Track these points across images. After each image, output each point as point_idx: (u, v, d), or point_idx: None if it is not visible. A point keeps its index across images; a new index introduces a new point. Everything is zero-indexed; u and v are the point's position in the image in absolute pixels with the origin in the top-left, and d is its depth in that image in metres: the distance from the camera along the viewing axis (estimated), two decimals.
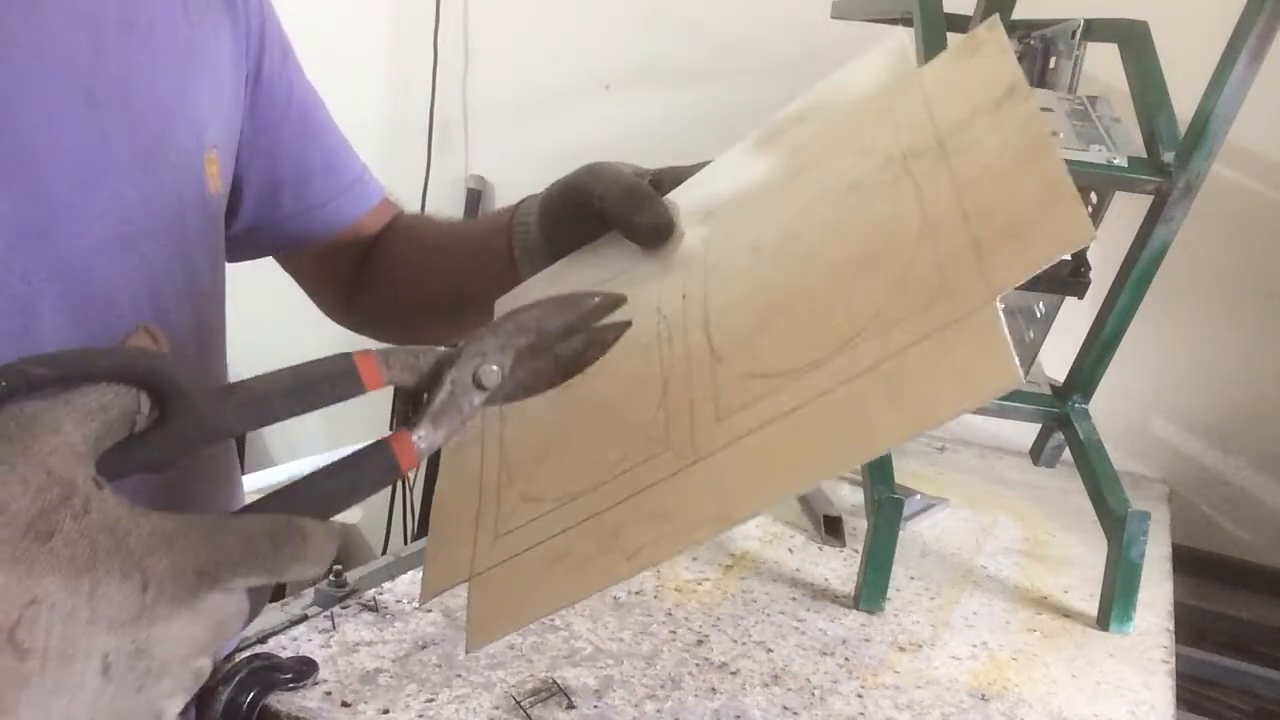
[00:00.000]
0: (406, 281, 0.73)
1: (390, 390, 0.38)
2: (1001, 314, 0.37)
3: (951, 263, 0.40)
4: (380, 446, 0.37)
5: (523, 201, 0.64)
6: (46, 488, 0.29)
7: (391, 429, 0.58)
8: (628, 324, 0.45)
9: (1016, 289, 1.15)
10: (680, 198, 0.55)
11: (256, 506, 0.35)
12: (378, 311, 0.76)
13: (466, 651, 0.45)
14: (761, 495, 0.39)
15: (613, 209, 0.54)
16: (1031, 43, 1.10)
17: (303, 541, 0.34)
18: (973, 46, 0.47)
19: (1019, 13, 0.83)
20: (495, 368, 0.40)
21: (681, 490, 0.40)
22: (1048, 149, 0.40)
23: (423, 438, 0.38)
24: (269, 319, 1.42)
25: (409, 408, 0.39)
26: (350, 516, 1.91)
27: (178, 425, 0.34)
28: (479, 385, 0.40)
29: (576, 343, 0.43)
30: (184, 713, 0.60)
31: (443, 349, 0.40)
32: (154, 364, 0.33)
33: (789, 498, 0.38)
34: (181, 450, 0.34)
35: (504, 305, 0.60)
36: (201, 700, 0.62)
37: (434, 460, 2.18)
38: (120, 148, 0.51)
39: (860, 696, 0.73)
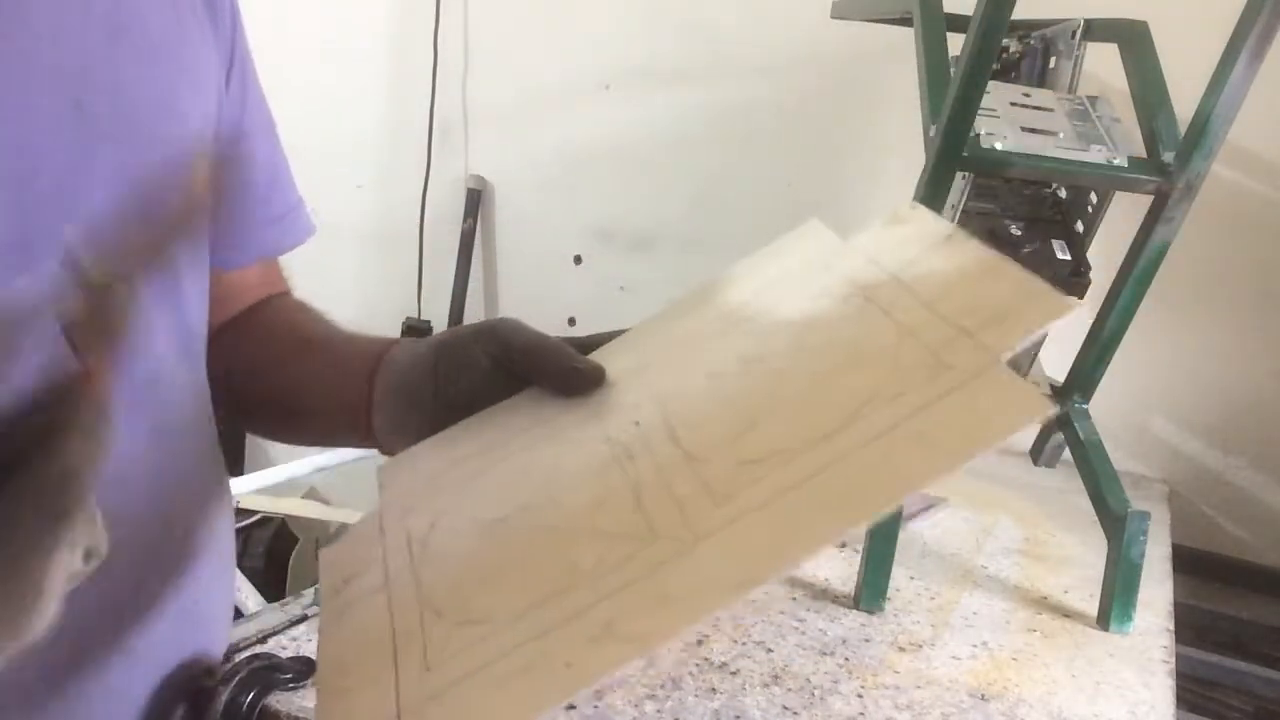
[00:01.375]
0: (263, 361, 0.66)
1: None
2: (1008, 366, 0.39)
3: (942, 347, 0.41)
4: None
5: (399, 340, 0.61)
6: None
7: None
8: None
9: None
10: (600, 358, 0.56)
11: None
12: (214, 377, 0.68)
13: None
14: (793, 550, 0.39)
15: (541, 358, 0.54)
16: (1031, 43, 1.10)
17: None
18: (899, 218, 0.51)
19: (1019, 13, 0.83)
20: None
21: (687, 570, 0.39)
22: (1006, 264, 0.43)
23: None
24: None
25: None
26: (349, 516, 1.91)
27: None
28: None
29: None
30: (179, 713, 0.60)
31: None
32: None
33: (826, 549, 0.38)
34: None
35: (392, 469, 0.57)
36: (201, 700, 0.62)
37: None
38: (108, 156, 0.50)
39: (860, 696, 0.73)
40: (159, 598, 0.55)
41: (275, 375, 0.66)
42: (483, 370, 0.56)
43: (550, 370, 0.54)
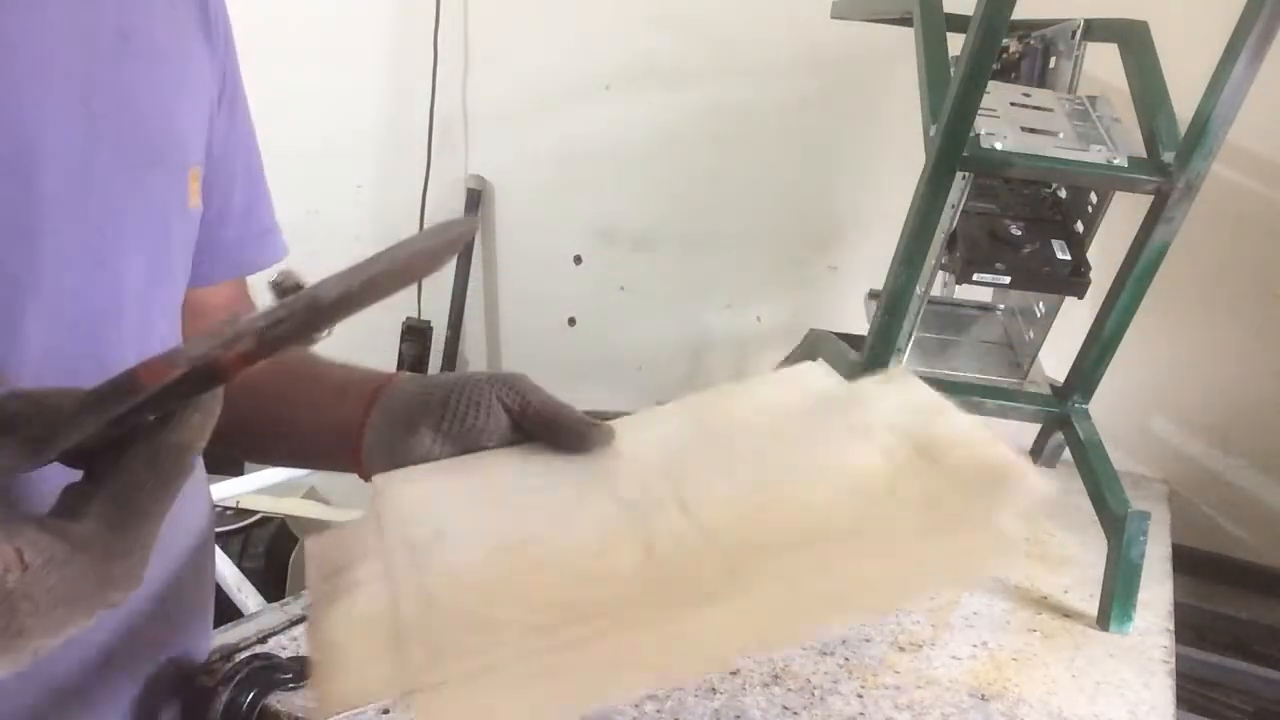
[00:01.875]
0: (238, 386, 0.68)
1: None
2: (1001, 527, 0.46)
3: (934, 491, 0.47)
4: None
5: (402, 373, 0.63)
6: None
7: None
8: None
9: (1016, 290, 1.14)
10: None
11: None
12: None
13: None
14: (806, 625, 0.44)
15: (556, 416, 0.56)
16: (1031, 43, 1.10)
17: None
18: (886, 379, 0.56)
19: (1019, 13, 0.83)
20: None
21: (706, 620, 0.43)
22: (993, 440, 0.49)
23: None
24: None
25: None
26: (349, 516, 1.91)
27: None
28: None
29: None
30: (171, 711, 0.60)
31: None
32: None
33: (827, 630, 0.45)
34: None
35: (388, 481, 0.57)
36: (201, 700, 0.62)
37: None
38: (112, 157, 0.50)
39: (860, 696, 0.73)
40: (134, 603, 0.55)
41: (247, 396, 0.66)
42: (493, 415, 0.57)
43: (564, 426, 0.56)
